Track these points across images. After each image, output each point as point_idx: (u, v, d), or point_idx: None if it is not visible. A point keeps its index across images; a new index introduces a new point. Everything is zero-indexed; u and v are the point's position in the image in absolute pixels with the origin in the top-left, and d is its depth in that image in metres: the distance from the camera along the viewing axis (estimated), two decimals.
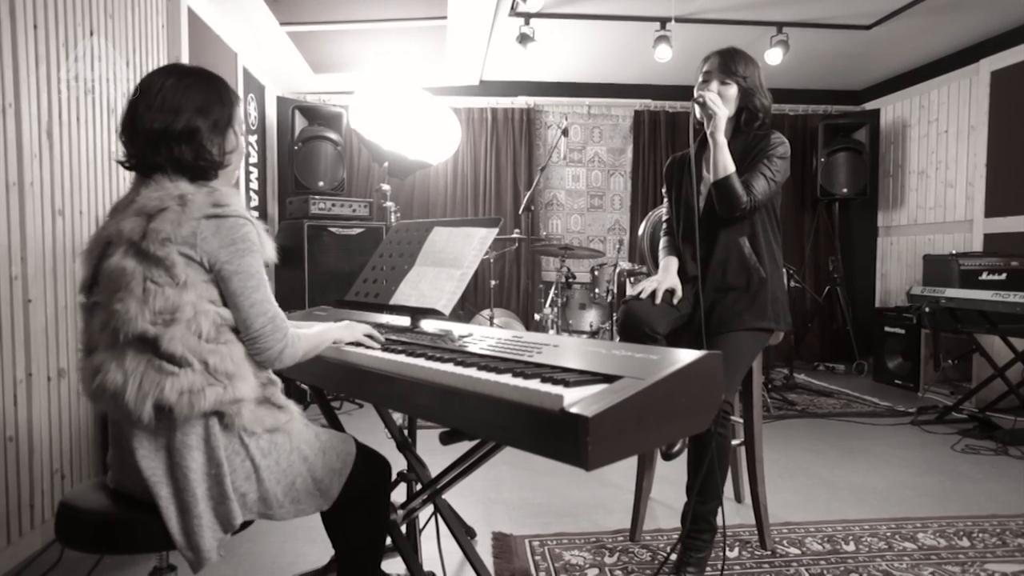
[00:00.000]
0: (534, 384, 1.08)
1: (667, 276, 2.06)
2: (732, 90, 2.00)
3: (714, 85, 2.00)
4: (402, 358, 1.37)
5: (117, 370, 1.20)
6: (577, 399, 0.99)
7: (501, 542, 2.24)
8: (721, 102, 1.96)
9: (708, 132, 1.97)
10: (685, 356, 1.15)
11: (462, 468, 1.59)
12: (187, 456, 1.21)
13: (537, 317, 5.06)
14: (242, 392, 1.24)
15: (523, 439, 1.06)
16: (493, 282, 4.94)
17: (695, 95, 2.00)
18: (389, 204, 4.41)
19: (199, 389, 1.19)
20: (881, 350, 5.10)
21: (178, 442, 1.21)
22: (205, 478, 1.22)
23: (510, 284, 5.75)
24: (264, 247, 1.33)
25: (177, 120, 1.28)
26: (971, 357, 4.33)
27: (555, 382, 1.08)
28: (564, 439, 0.97)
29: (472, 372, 1.19)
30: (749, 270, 2.00)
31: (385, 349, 1.46)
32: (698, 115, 2.03)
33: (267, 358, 1.29)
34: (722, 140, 1.95)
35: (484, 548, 2.20)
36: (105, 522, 1.24)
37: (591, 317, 4.84)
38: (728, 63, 2.01)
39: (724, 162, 1.94)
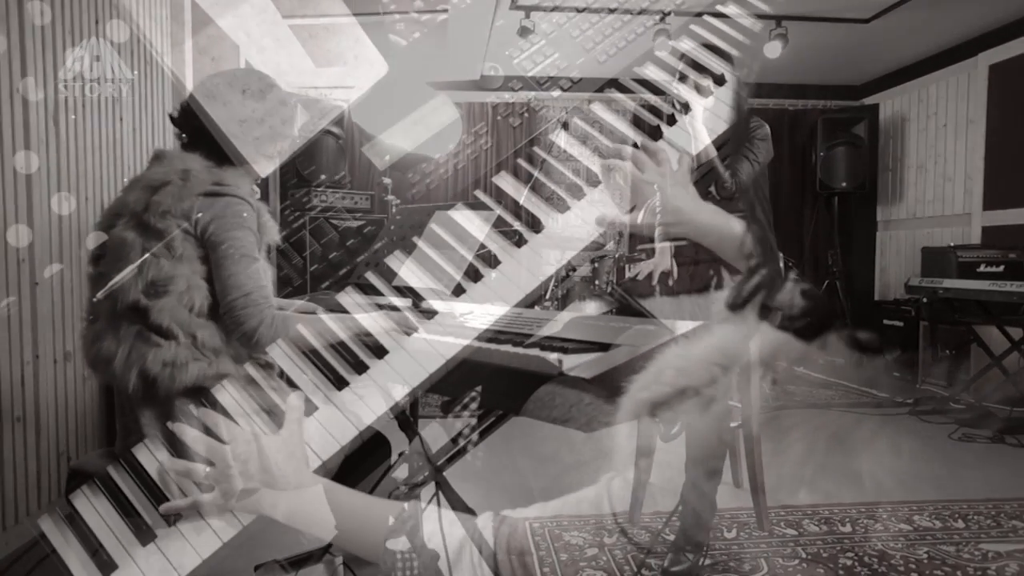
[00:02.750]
0: (533, 352, 1.11)
1: (663, 259, 2.09)
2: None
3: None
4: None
5: (112, 339, 1.24)
6: (576, 364, 1.02)
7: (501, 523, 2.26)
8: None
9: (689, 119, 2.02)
10: (680, 327, 1.17)
11: (463, 443, 1.61)
12: (184, 423, 1.24)
13: (537, 310, 5.08)
14: (227, 369, 1.27)
15: (523, 405, 1.09)
16: (493, 274, 4.96)
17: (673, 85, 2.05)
18: (390, 197, 4.44)
19: (182, 363, 1.22)
20: (880, 343, 5.12)
21: (176, 409, 1.24)
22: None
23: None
24: (265, 229, 1.36)
25: (237, 101, 1.37)
26: (968, 348, 4.35)
27: (554, 350, 1.11)
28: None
29: (472, 343, 1.22)
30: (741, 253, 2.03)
31: None
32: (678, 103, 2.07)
33: (241, 334, 1.28)
34: (701, 128, 1.99)
35: (485, 530, 2.22)
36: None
37: (591, 309, 4.86)
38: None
39: (706, 147, 1.98)
